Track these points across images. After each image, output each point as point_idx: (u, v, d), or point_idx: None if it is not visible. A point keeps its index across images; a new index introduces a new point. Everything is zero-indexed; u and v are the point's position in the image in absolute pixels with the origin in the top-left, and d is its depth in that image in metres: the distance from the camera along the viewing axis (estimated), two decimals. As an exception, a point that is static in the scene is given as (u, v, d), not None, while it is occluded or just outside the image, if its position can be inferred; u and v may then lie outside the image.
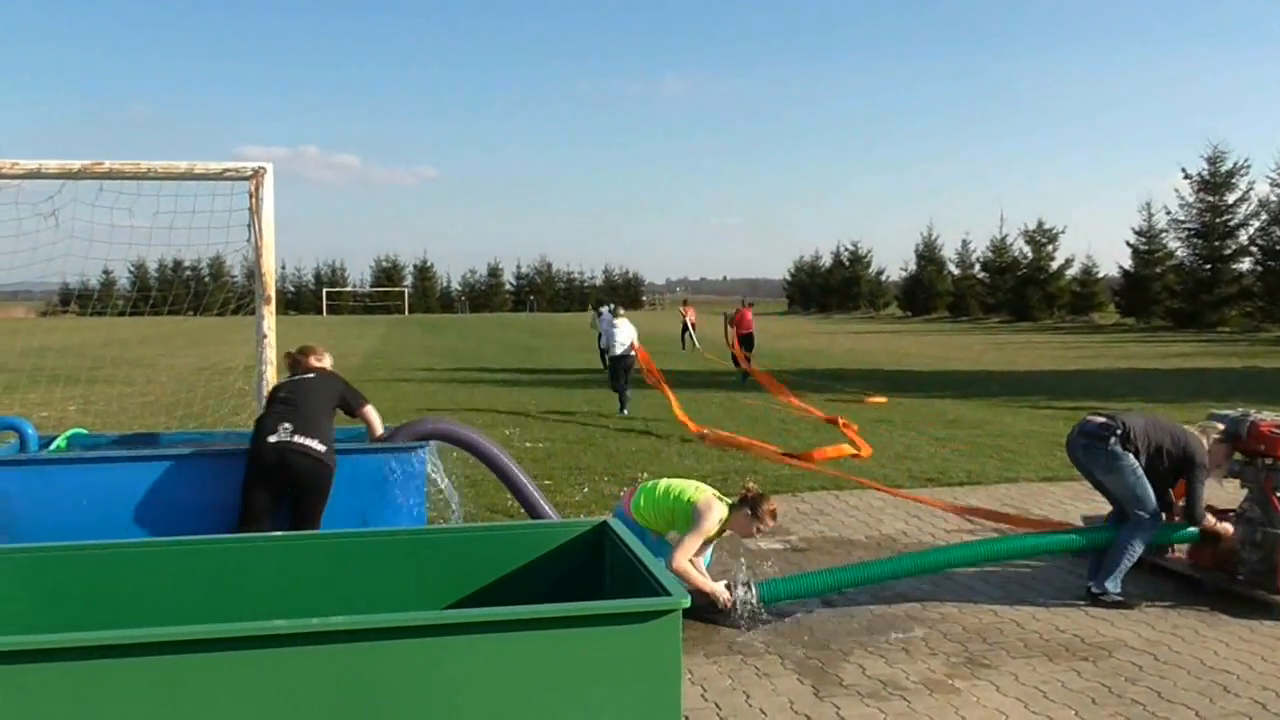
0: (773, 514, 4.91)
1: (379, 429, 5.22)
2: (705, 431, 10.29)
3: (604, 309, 14.84)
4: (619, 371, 13.09)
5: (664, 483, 5.10)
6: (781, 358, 24.64)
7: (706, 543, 4.95)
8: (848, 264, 78.85)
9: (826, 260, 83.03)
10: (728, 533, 5.01)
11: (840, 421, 10.94)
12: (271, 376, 6.79)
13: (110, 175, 6.49)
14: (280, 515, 4.74)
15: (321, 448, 4.74)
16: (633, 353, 13.15)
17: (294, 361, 5.39)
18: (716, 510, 4.86)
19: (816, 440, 10.46)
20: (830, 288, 78.27)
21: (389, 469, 5.02)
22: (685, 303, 31.03)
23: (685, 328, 28.38)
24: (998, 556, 5.22)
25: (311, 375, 5.15)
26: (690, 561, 4.84)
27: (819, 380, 18.05)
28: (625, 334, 13.14)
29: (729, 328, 20.29)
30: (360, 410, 5.16)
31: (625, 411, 12.73)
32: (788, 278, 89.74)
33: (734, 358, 19.47)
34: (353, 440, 5.34)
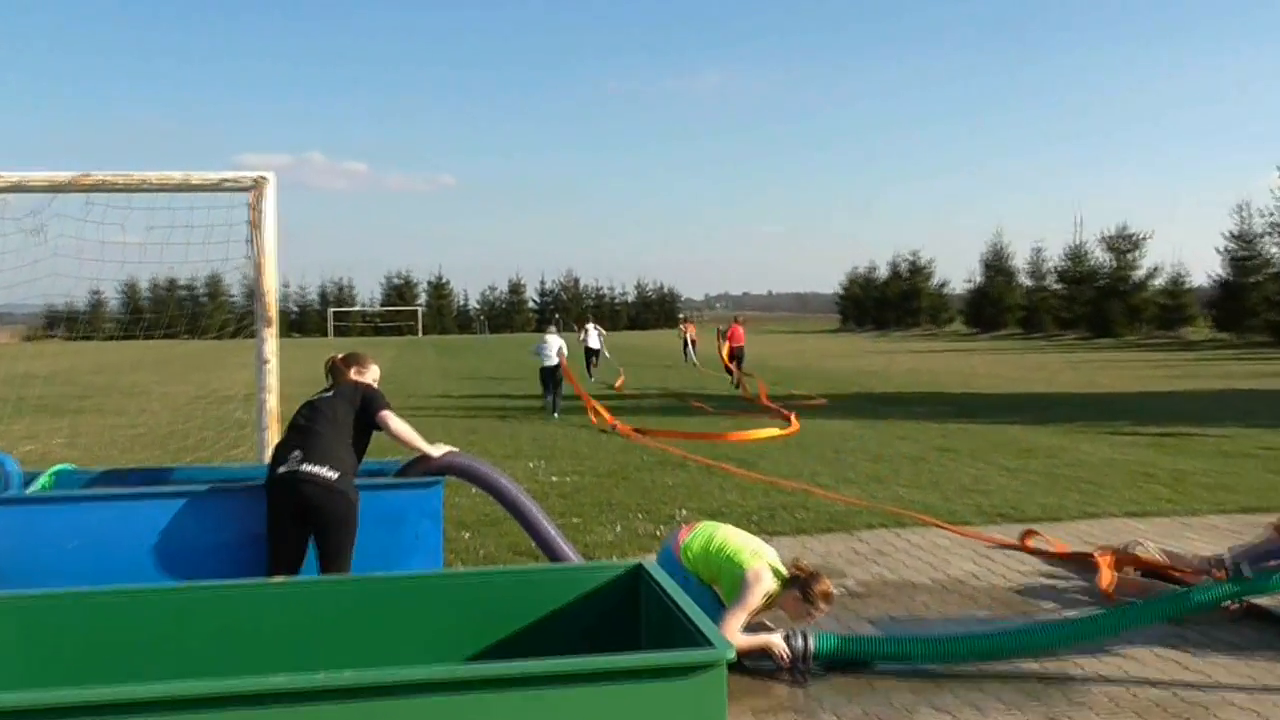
0: (827, 597, 4.78)
1: (410, 438, 5.04)
2: (617, 424, 12.95)
3: (547, 329, 18.33)
4: (548, 381, 16.83)
5: (722, 534, 5.06)
6: (834, 380, 24.56)
7: (753, 616, 4.88)
8: (906, 275, 78.52)
9: (883, 271, 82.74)
10: (776, 610, 4.95)
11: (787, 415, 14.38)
12: (274, 405, 6.85)
13: (100, 187, 6.61)
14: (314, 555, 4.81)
15: (332, 474, 4.72)
16: (558, 362, 16.86)
17: (333, 370, 5.39)
18: (765, 584, 4.79)
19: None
20: (887, 302, 77.97)
21: (402, 507, 5.04)
22: (686, 319, 36.21)
23: (685, 344, 32.13)
24: (1132, 626, 4.88)
25: (331, 393, 5.12)
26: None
27: (876, 405, 17.94)
28: (553, 348, 16.95)
29: (720, 342, 24.64)
30: (378, 416, 4.99)
31: (556, 416, 16.20)
32: (840, 291, 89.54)
33: (727, 368, 23.61)
34: (376, 475, 5.36)
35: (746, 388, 21.18)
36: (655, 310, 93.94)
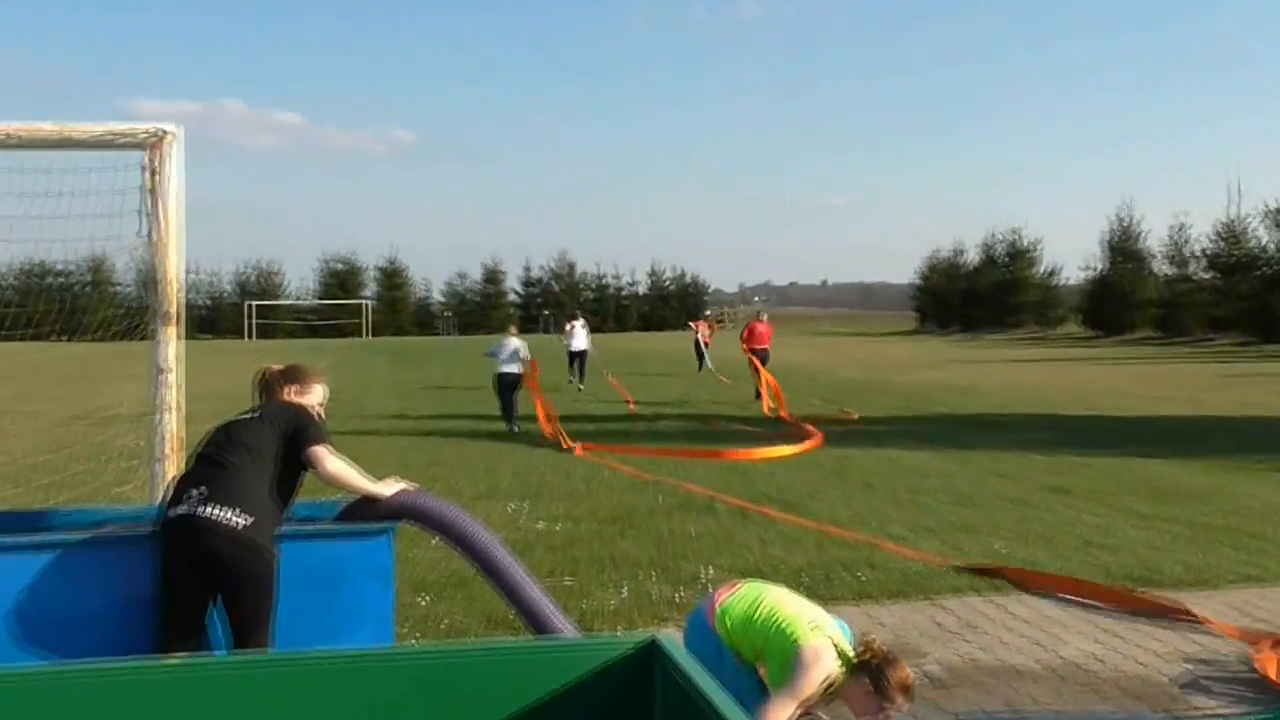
0: (905, 690, 4.68)
1: (350, 479, 5.08)
2: (574, 446, 14.79)
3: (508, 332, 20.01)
4: (504, 391, 18.64)
5: (773, 598, 4.99)
6: (908, 397, 24.59)
7: (806, 708, 4.83)
8: (1004, 261, 78.70)
9: (972, 256, 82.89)
10: (837, 701, 4.89)
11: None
12: (174, 428, 6.88)
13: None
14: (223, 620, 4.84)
15: (240, 520, 4.72)
16: (516, 371, 18.58)
17: (264, 387, 5.42)
18: (825, 666, 4.71)
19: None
20: (978, 296, 78.13)
21: (341, 562, 5.05)
22: (712, 317, 36.17)
23: (698, 347, 34.02)
24: None
25: (254, 415, 5.15)
26: None
27: (963, 431, 17.95)
28: (508, 351, 18.70)
29: (744, 346, 25.64)
30: (307, 452, 5.00)
31: (514, 429, 18.13)
32: (917, 281, 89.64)
33: (756, 389, 23.74)
34: (307, 521, 5.36)
35: (767, 401, 22.09)
36: (674, 305, 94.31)
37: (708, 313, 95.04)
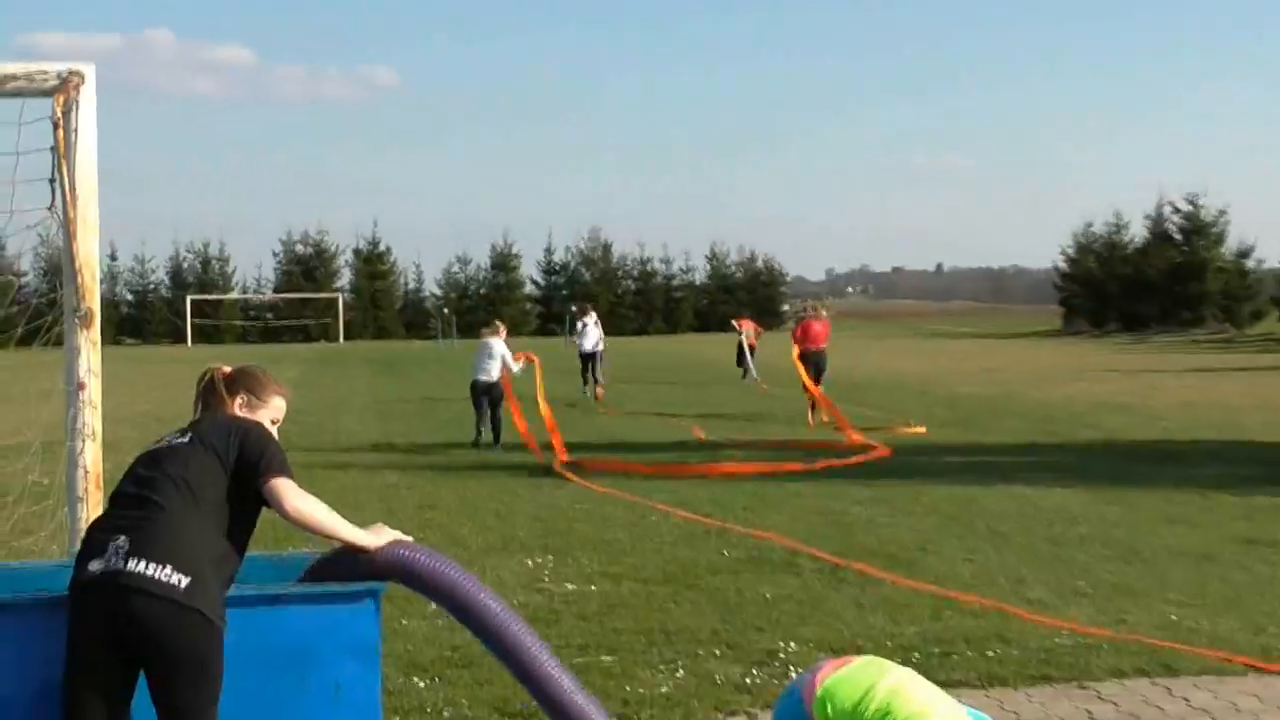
0: None
1: (324, 523, 5.06)
2: (567, 460, 17.32)
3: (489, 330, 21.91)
4: (479, 402, 20.51)
5: (890, 684, 4.87)
6: (1052, 419, 24.47)
7: None
8: (1179, 239, 77.92)
9: (1136, 234, 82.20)
10: None
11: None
12: (93, 459, 6.89)
13: None
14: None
15: (175, 579, 4.66)
16: (492, 379, 20.32)
17: (207, 395, 5.40)
18: None
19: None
20: (1144, 285, 77.52)
21: (312, 636, 5.05)
22: (741, 316, 41.66)
23: (741, 351, 36.23)
24: None
25: (187, 437, 5.08)
26: None
27: (1124, 463, 17.78)
28: (484, 356, 20.52)
29: (797, 348, 25.88)
30: (266, 485, 4.97)
31: (478, 438, 20.23)
32: (1062, 267, 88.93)
33: (811, 403, 24.76)
34: (268, 583, 5.37)
35: (813, 412, 24.26)
36: (742, 298, 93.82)
37: (785, 307, 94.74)
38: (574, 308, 36.52)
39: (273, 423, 5.41)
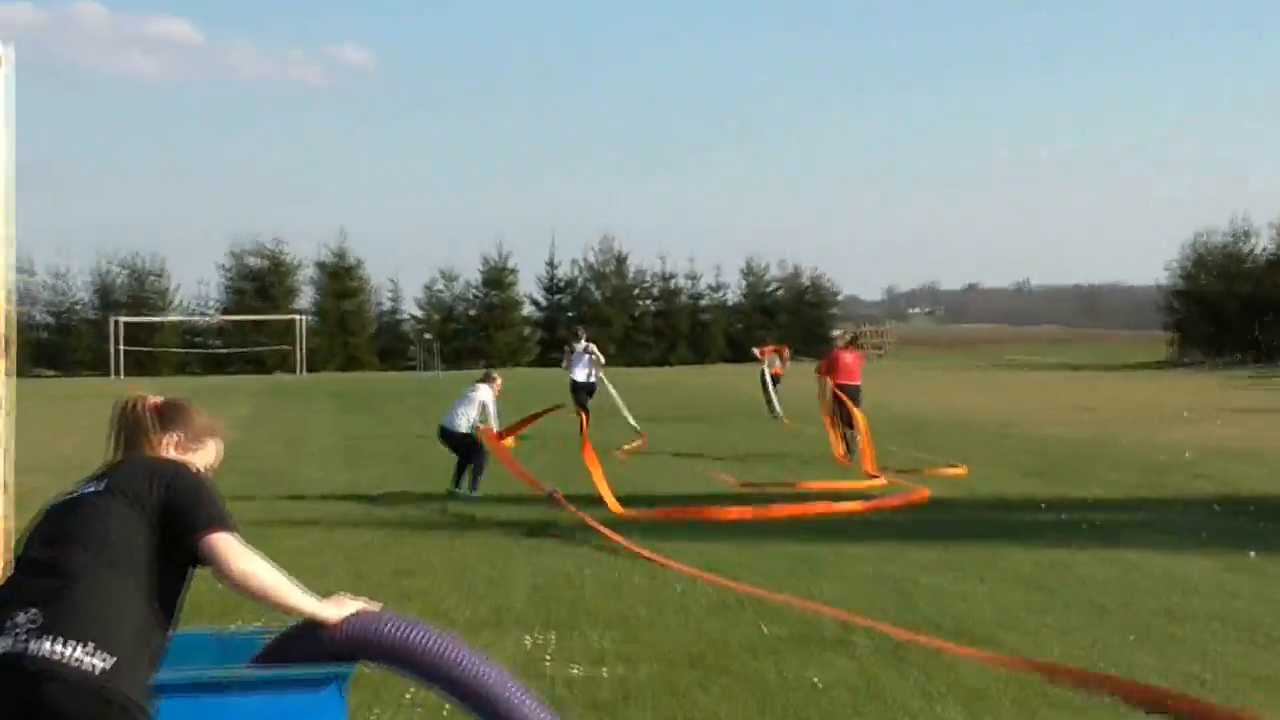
0: None
1: (274, 590, 5.06)
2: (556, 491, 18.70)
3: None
4: (456, 449, 21.49)
5: None
6: (1158, 468, 24.50)
7: None
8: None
9: (1265, 242, 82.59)
10: None
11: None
12: (1, 510, 6.85)
13: None
14: None
15: (94, 661, 4.64)
16: (463, 431, 21.32)
17: (127, 430, 5.41)
18: None
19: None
20: (1272, 306, 77.91)
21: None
22: (764, 343, 43.71)
23: (764, 382, 37.77)
24: None
25: (104, 484, 5.08)
26: None
27: (1253, 522, 17.83)
28: (461, 406, 21.57)
29: (822, 382, 27.14)
30: (201, 540, 4.96)
31: (476, 493, 20.79)
32: (1172, 284, 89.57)
33: (847, 441, 25.98)
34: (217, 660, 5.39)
35: (840, 450, 25.70)
36: (784, 322, 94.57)
37: (836, 332, 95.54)
38: (581, 330, 37.27)
39: (208, 469, 5.45)
